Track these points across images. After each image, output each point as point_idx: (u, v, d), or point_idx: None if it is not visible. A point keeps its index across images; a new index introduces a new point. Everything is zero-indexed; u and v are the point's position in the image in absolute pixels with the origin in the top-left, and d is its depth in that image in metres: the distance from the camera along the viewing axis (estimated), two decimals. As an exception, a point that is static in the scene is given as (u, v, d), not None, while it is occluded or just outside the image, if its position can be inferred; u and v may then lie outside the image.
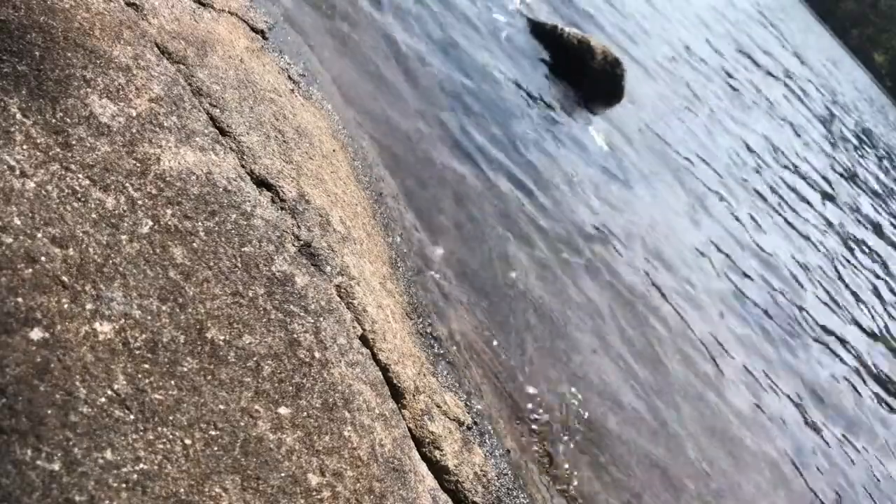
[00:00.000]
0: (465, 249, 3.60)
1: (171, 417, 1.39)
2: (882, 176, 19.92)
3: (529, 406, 3.11)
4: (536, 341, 3.48)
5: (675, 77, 10.39)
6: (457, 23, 5.79)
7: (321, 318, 1.95)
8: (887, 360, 7.85)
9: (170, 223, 1.71)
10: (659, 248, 5.48)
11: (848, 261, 9.90)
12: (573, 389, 3.44)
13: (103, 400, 1.31)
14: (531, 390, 3.19)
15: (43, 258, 1.39)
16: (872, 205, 15.06)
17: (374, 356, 2.10)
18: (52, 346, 1.30)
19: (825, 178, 13.24)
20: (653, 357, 4.23)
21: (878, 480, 5.36)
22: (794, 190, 10.64)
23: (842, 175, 15.05)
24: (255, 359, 1.65)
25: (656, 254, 5.36)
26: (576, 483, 3.00)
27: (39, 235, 1.42)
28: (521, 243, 4.05)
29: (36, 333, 1.29)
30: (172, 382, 1.44)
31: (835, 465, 5.02)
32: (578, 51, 6.71)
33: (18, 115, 1.56)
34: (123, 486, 1.24)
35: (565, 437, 3.16)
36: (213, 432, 1.44)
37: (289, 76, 2.86)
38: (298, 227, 2.14)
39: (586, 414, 3.38)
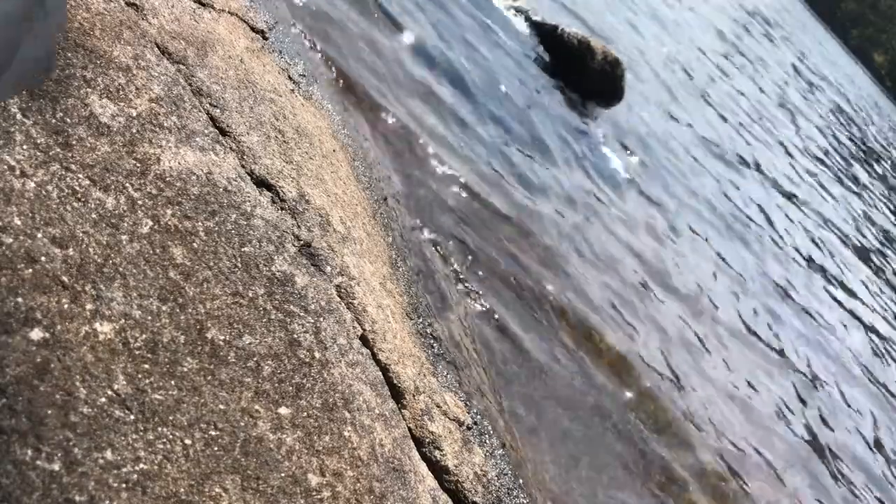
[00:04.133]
0: (464, 249, 3.60)
1: (171, 417, 1.39)
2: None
3: (529, 405, 3.11)
4: (538, 340, 3.48)
5: (675, 77, 10.38)
6: (456, 23, 5.79)
7: (321, 319, 1.95)
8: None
9: (170, 223, 1.71)
10: (660, 247, 5.48)
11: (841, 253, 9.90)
12: (574, 389, 3.43)
13: (103, 400, 1.31)
14: (532, 389, 3.19)
15: (43, 258, 1.39)
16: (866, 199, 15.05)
17: (374, 356, 2.10)
18: (52, 346, 1.30)
19: (822, 174, 13.24)
20: (669, 357, 4.23)
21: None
22: (791, 188, 10.64)
23: (841, 173, 15.05)
24: (255, 359, 1.65)
25: (659, 251, 5.36)
26: (576, 482, 3.00)
27: (39, 235, 1.42)
28: (521, 241, 4.05)
29: (36, 333, 1.29)
30: (172, 382, 1.44)
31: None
32: (578, 51, 6.72)
33: (18, 115, 1.56)
34: (123, 486, 1.24)
35: (566, 437, 3.16)
36: (213, 432, 1.44)
37: (289, 76, 2.85)
38: (298, 227, 2.14)
39: (587, 413, 3.38)
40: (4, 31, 0.49)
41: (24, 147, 1.52)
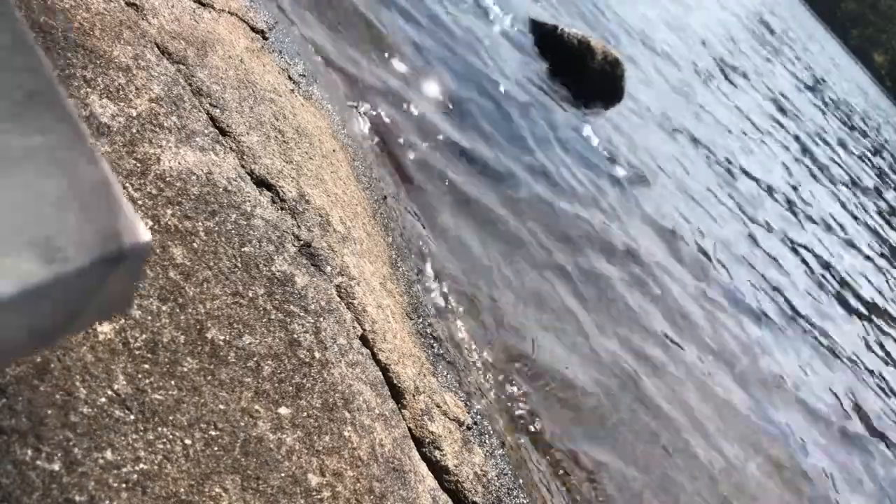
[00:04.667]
0: (465, 249, 3.60)
1: (171, 417, 1.39)
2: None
3: (529, 405, 3.11)
4: (538, 341, 3.48)
5: (676, 77, 10.39)
6: (456, 23, 5.79)
7: (321, 319, 1.95)
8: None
9: (170, 223, 1.71)
10: (659, 249, 5.48)
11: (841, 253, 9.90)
12: (574, 388, 3.44)
13: (103, 400, 1.31)
14: (532, 390, 3.19)
15: (43, 258, 1.39)
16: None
17: (374, 356, 2.10)
18: (52, 346, 1.30)
19: (822, 178, 13.25)
20: (661, 370, 4.23)
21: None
22: (790, 190, 10.65)
23: (841, 177, 15.05)
24: (255, 359, 1.65)
25: (656, 255, 5.36)
26: (575, 483, 3.00)
27: (39, 235, 1.41)
28: (520, 244, 4.05)
29: (36, 333, 1.29)
30: (172, 382, 1.44)
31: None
32: (578, 51, 6.72)
33: (18, 115, 1.56)
34: (123, 486, 1.24)
35: (566, 437, 3.16)
36: (213, 432, 1.44)
37: (289, 76, 2.85)
38: (298, 227, 2.14)
39: (588, 413, 3.39)
40: (71, 293, 0.45)
41: (24, 147, 1.51)
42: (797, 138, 14.31)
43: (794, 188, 10.77)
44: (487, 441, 2.46)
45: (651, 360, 4.18)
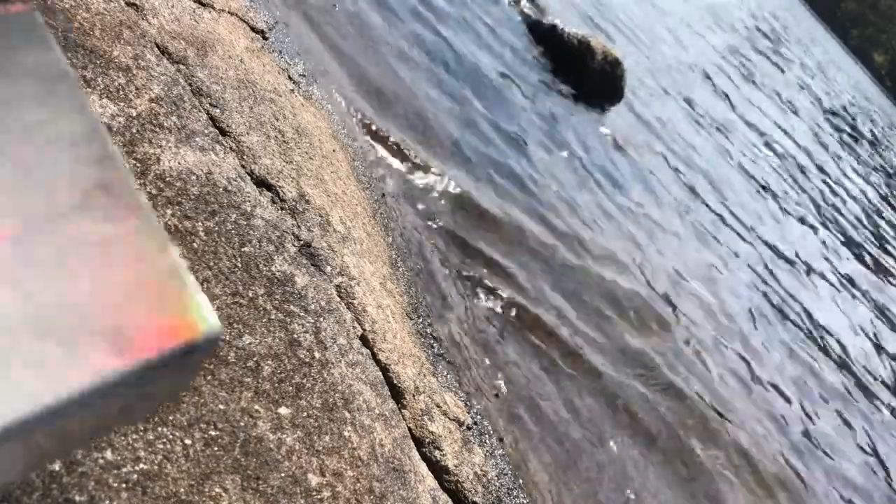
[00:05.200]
0: (463, 250, 3.60)
1: (171, 417, 1.39)
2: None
3: (529, 405, 3.11)
4: (537, 340, 3.48)
5: (675, 77, 10.40)
6: (455, 23, 5.80)
7: (321, 318, 1.95)
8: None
9: (169, 223, 1.71)
10: (657, 249, 5.48)
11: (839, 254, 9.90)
12: (573, 387, 3.44)
13: (103, 400, 1.30)
14: (531, 389, 3.19)
15: (43, 258, 1.39)
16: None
17: (374, 356, 2.10)
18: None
19: (822, 176, 13.25)
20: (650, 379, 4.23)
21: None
22: (790, 192, 10.65)
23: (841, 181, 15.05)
24: (255, 359, 1.65)
25: (655, 255, 5.37)
26: (576, 483, 3.00)
27: (39, 235, 1.41)
28: (518, 242, 4.05)
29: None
30: (172, 382, 1.44)
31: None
32: (578, 51, 6.72)
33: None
34: (123, 486, 1.24)
35: (565, 437, 3.16)
36: (213, 432, 1.44)
37: (289, 76, 2.86)
38: (298, 227, 2.14)
39: (587, 414, 3.39)
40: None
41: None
42: (795, 144, 14.31)
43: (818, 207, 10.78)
44: (487, 441, 2.46)
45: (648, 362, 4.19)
